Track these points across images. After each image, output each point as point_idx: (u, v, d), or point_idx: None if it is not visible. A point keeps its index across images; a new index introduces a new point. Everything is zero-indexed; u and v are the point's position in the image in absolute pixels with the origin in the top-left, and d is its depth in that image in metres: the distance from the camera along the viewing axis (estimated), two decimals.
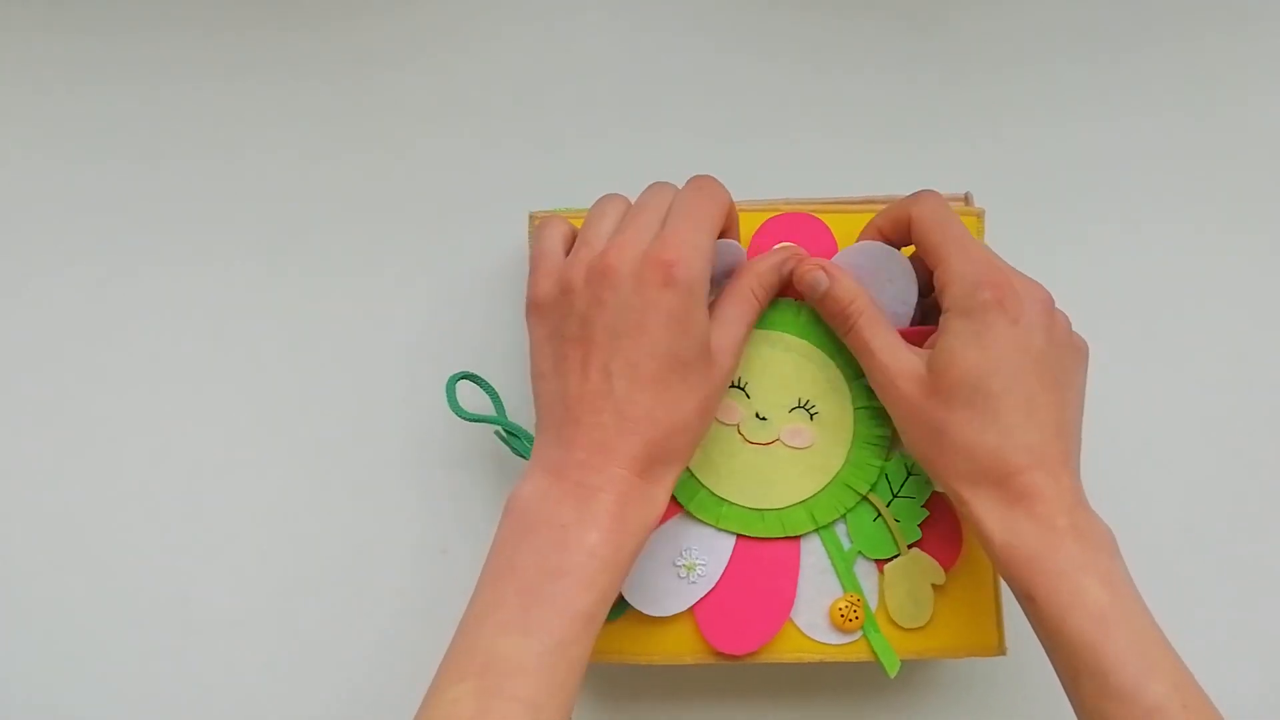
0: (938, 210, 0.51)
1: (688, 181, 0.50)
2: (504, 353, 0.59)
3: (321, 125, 0.62)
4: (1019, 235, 0.59)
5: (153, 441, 0.60)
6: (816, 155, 0.62)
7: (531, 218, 0.56)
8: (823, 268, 0.51)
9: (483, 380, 0.56)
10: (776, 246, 0.53)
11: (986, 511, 0.48)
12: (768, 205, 0.55)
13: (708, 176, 0.50)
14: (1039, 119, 0.62)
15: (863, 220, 0.54)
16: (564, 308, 0.48)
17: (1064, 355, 0.49)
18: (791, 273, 0.52)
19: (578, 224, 0.54)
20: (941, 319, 0.49)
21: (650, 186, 0.51)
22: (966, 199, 0.56)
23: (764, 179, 0.59)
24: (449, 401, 0.55)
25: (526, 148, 0.62)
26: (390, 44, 0.62)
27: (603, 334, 0.47)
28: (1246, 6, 0.63)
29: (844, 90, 0.62)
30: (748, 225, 0.54)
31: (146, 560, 0.59)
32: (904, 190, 0.57)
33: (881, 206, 0.55)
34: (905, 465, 0.54)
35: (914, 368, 0.49)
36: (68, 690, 0.59)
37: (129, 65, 0.62)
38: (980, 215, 0.55)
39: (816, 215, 0.55)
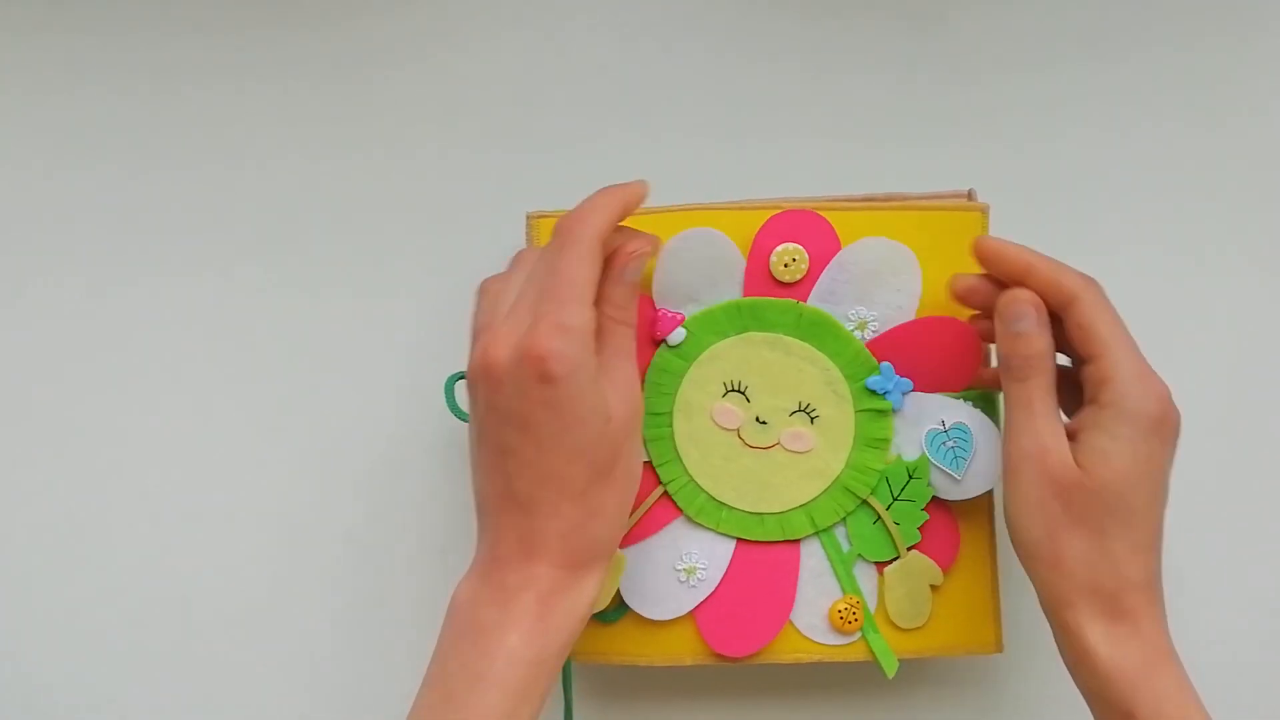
0: (1107, 303, 0.49)
1: (552, 233, 0.48)
2: None
3: (319, 127, 0.61)
4: (1020, 233, 0.58)
5: (153, 442, 0.60)
6: (816, 154, 0.61)
7: (529, 218, 0.55)
8: (1034, 304, 0.48)
9: None
10: (628, 248, 0.49)
11: (1091, 621, 0.47)
12: (768, 204, 0.54)
13: (569, 217, 0.48)
14: (1041, 117, 0.61)
15: (867, 218, 0.54)
16: (470, 405, 0.48)
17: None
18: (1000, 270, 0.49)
19: None
20: (1093, 413, 0.48)
21: (516, 256, 0.50)
22: (970, 195, 0.56)
23: (764, 179, 0.59)
24: (448, 402, 0.55)
25: (524, 148, 0.61)
26: (388, 46, 0.62)
27: (497, 435, 0.46)
28: (1250, 6, 0.62)
29: (845, 89, 0.61)
30: (750, 224, 0.53)
31: (146, 561, 0.59)
32: (905, 188, 0.56)
33: (882, 204, 0.54)
34: (906, 469, 0.53)
35: (1067, 451, 0.47)
36: (68, 690, 0.59)
37: (129, 67, 0.61)
38: (985, 211, 0.55)
39: (820, 213, 0.54)
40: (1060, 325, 0.49)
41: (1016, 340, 0.49)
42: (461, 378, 0.55)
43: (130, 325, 0.60)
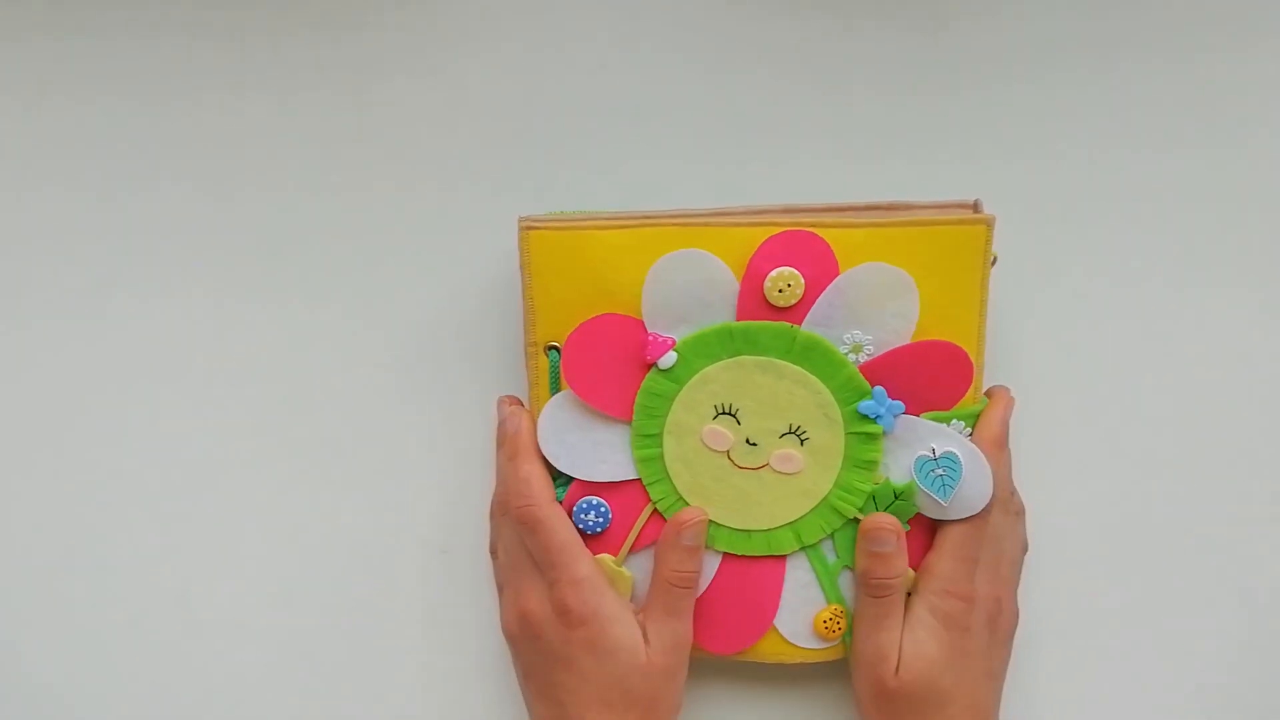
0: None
1: (517, 522, 0.54)
2: (498, 355, 0.59)
3: (315, 132, 0.60)
4: (1024, 242, 0.57)
5: (153, 442, 0.61)
6: (817, 161, 0.59)
7: (520, 224, 0.53)
8: (895, 532, 0.53)
9: None
10: (682, 518, 0.54)
11: None
12: (766, 218, 0.53)
13: (519, 504, 0.53)
14: (1044, 126, 0.59)
15: (866, 235, 0.52)
16: (514, 649, 0.56)
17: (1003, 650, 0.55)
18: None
19: (570, 234, 0.53)
20: (910, 606, 0.54)
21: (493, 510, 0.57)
22: (975, 205, 0.54)
23: (764, 186, 0.57)
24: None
25: (518, 154, 0.59)
26: (383, 53, 0.60)
27: (546, 673, 0.54)
28: (1252, 16, 0.59)
29: (847, 97, 0.59)
30: (745, 244, 0.52)
31: (147, 561, 0.61)
32: (907, 196, 0.54)
33: (883, 220, 0.53)
34: (893, 490, 0.54)
35: (894, 660, 0.53)
36: (68, 690, 0.61)
37: (129, 70, 0.60)
38: (990, 224, 0.53)
39: (818, 231, 0.52)
40: None
41: (875, 561, 0.53)
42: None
43: (131, 326, 0.61)
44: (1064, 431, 0.60)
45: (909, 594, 0.54)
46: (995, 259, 0.54)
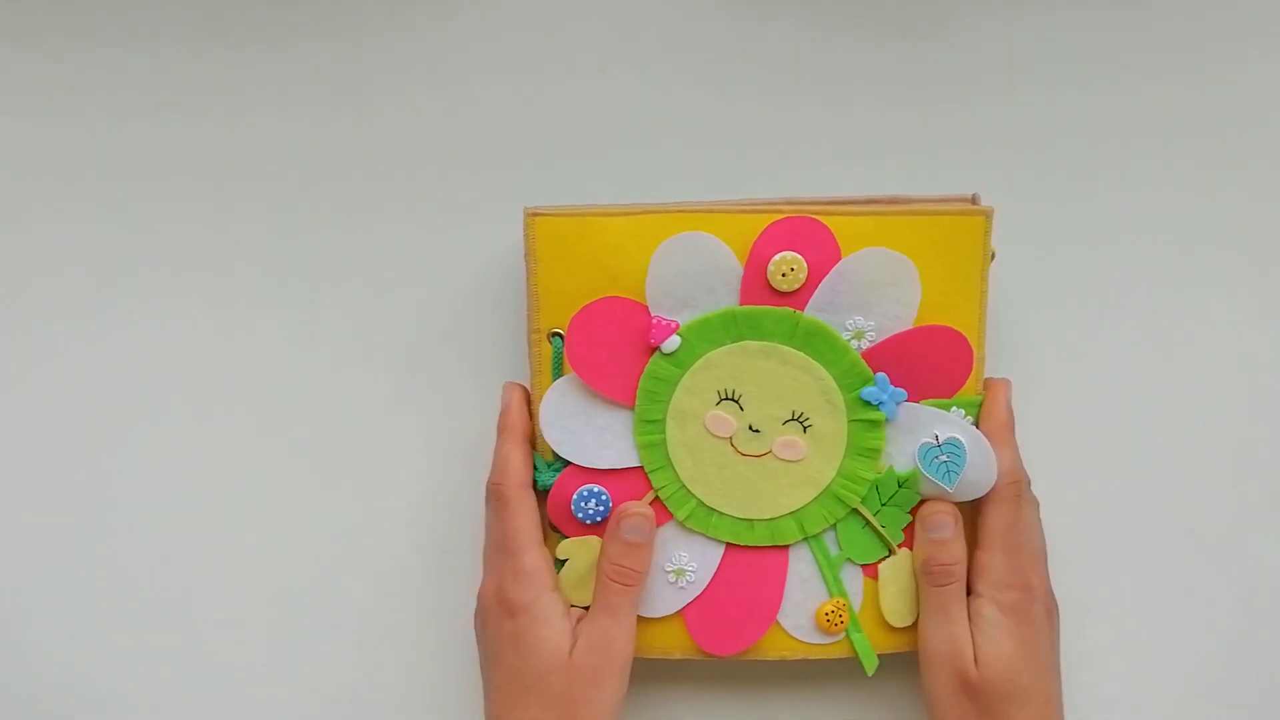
0: (1017, 506, 0.54)
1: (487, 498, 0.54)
2: (500, 349, 0.59)
3: (319, 124, 0.60)
4: (1023, 242, 0.58)
5: (153, 442, 0.60)
6: (817, 163, 0.60)
7: (526, 214, 0.54)
8: (954, 516, 0.53)
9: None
10: (626, 510, 0.53)
11: None
12: (769, 206, 0.53)
13: (492, 477, 0.54)
14: (1044, 128, 0.60)
15: (868, 224, 0.53)
16: None
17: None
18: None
19: (575, 221, 0.53)
20: (974, 605, 0.53)
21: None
22: (974, 200, 0.55)
23: (763, 189, 0.58)
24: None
25: (520, 155, 0.60)
26: (387, 46, 0.60)
27: (483, 664, 0.54)
28: (1249, 18, 0.60)
29: (847, 97, 0.60)
30: (748, 229, 0.53)
31: (146, 560, 0.60)
32: (907, 189, 0.55)
33: (885, 209, 0.53)
34: (897, 479, 0.54)
35: (971, 652, 0.52)
36: (68, 689, 0.60)
37: (129, 76, 0.60)
38: (989, 216, 0.54)
39: (819, 218, 0.53)
40: None
41: (937, 547, 0.53)
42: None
43: (131, 324, 0.60)
44: (1064, 431, 0.60)
45: (969, 596, 0.54)
46: (994, 255, 0.55)
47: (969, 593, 0.54)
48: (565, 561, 0.54)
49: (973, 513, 0.55)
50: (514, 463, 0.54)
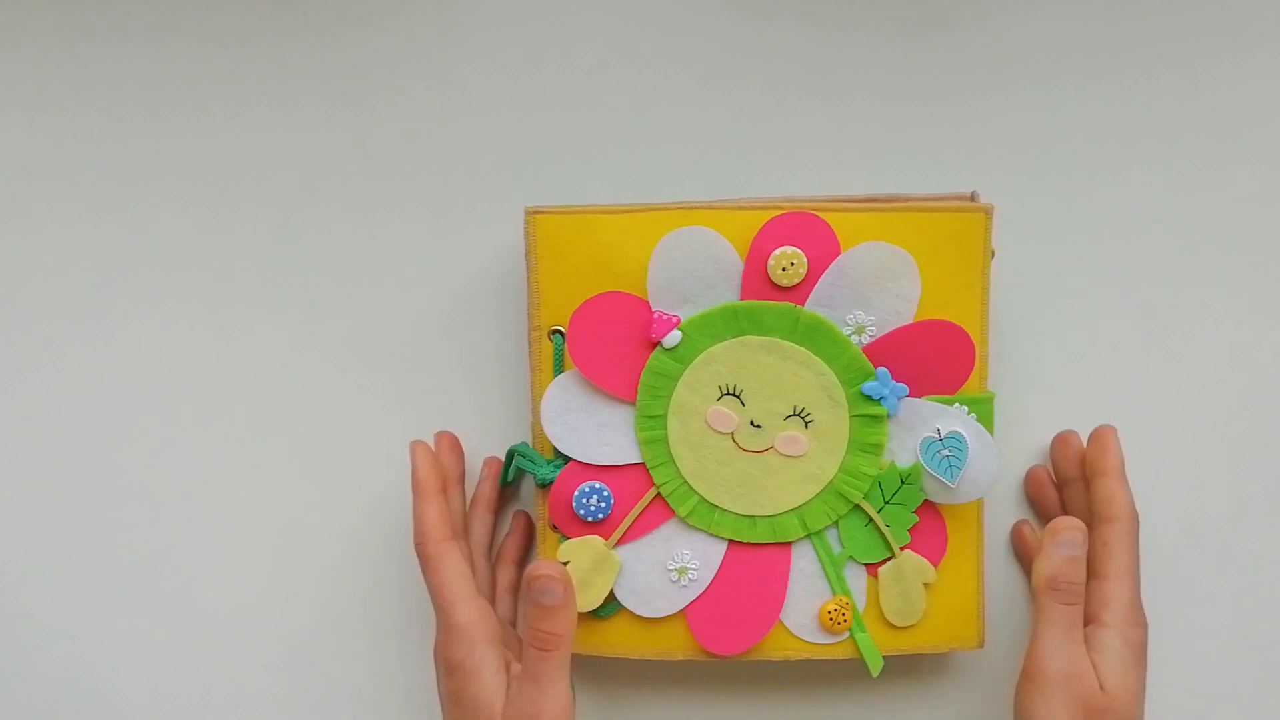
0: (1135, 536, 0.54)
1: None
2: (500, 347, 0.59)
3: (319, 124, 0.61)
4: (1023, 242, 0.59)
5: (153, 442, 0.60)
6: (817, 164, 0.60)
7: (527, 213, 0.54)
8: (1084, 532, 0.52)
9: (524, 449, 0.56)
10: (534, 572, 0.50)
11: None
12: (768, 204, 0.53)
13: (415, 538, 0.54)
14: (1045, 128, 0.61)
15: (867, 220, 0.53)
16: None
17: None
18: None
19: (575, 218, 0.53)
20: (1098, 635, 0.53)
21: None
22: (973, 197, 0.55)
23: (765, 180, 0.58)
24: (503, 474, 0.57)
25: (523, 144, 0.60)
26: (388, 46, 0.61)
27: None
28: (1249, 20, 0.61)
29: (847, 101, 0.61)
30: (748, 225, 0.53)
31: (146, 560, 0.60)
32: (906, 188, 0.56)
33: (884, 205, 0.54)
34: (899, 475, 0.54)
35: (1094, 677, 0.52)
36: (68, 689, 0.59)
37: (129, 76, 0.61)
38: (988, 212, 0.54)
39: (819, 214, 0.53)
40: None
41: (1070, 564, 0.52)
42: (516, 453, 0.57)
43: (131, 324, 0.60)
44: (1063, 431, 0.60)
45: (1090, 624, 0.53)
46: (993, 253, 0.55)
47: (1093, 621, 0.53)
48: (566, 565, 0.54)
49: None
50: (429, 519, 0.53)
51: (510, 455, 0.56)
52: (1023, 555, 0.59)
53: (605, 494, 0.53)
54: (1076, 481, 0.57)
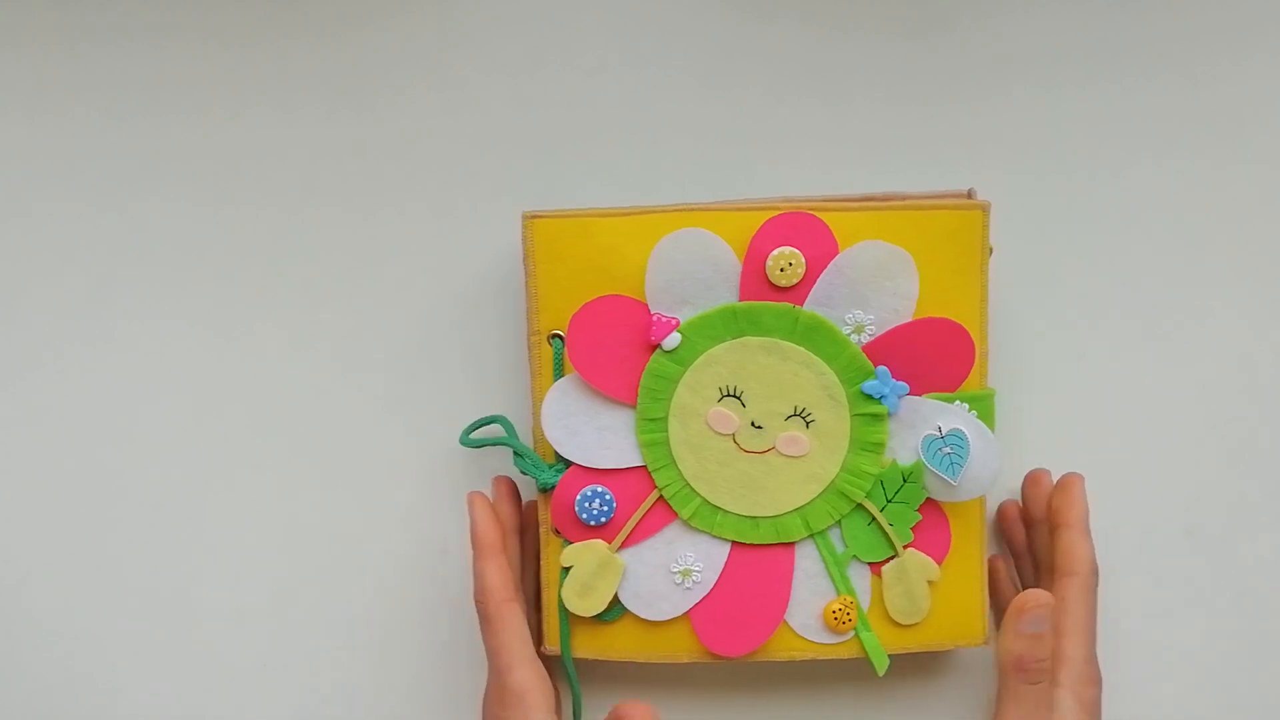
0: (1093, 593, 0.54)
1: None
2: (500, 350, 0.59)
3: (319, 125, 0.60)
4: (1021, 242, 0.58)
5: (154, 442, 0.60)
6: (817, 164, 0.60)
7: (524, 218, 0.54)
8: (1050, 607, 0.52)
9: (502, 420, 0.57)
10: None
11: None
12: (766, 204, 0.53)
13: (476, 593, 0.53)
14: (1045, 127, 0.60)
15: (865, 219, 0.53)
16: None
17: None
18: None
19: (572, 222, 0.53)
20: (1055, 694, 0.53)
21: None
22: (969, 194, 0.55)
23: (764, 180, 0.58)
24: (462, 436, 0.57)
25: (520, 155, 0.60)
26: (387, 49, 0.61)
27: None
28: (1249, 21, 0.61)
29: (847, 101, 0.60)
30: (746, 226, 0.53)
31: (147, 560, 0.60)
32: (903, 187, 0.55)
33: (881, 204, 0.54)
34: (901, 473, 0.53)
35: None
36: (68, 689, 0.60)
37: (129, 76, 0.61)
38: (985, 210, 0.54)
39: (816, 214, 0.53)
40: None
41: (1034, 642, 0.52)
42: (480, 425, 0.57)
43: (130, 325, 0.60)
44: (1062, 430, 0.60)
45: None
46: (991, 251, 0.55)
47: (1054, 681, 0.53)
48: (570, 569, 0.54)
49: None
50: (491, 578, 0.53)
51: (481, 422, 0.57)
52: (1010, 537, 0.59)
53: (608, 497, 0.53)
54: (1043, 525, 0.57)
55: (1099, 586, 0.55)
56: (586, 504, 0.53)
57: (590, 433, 0.54)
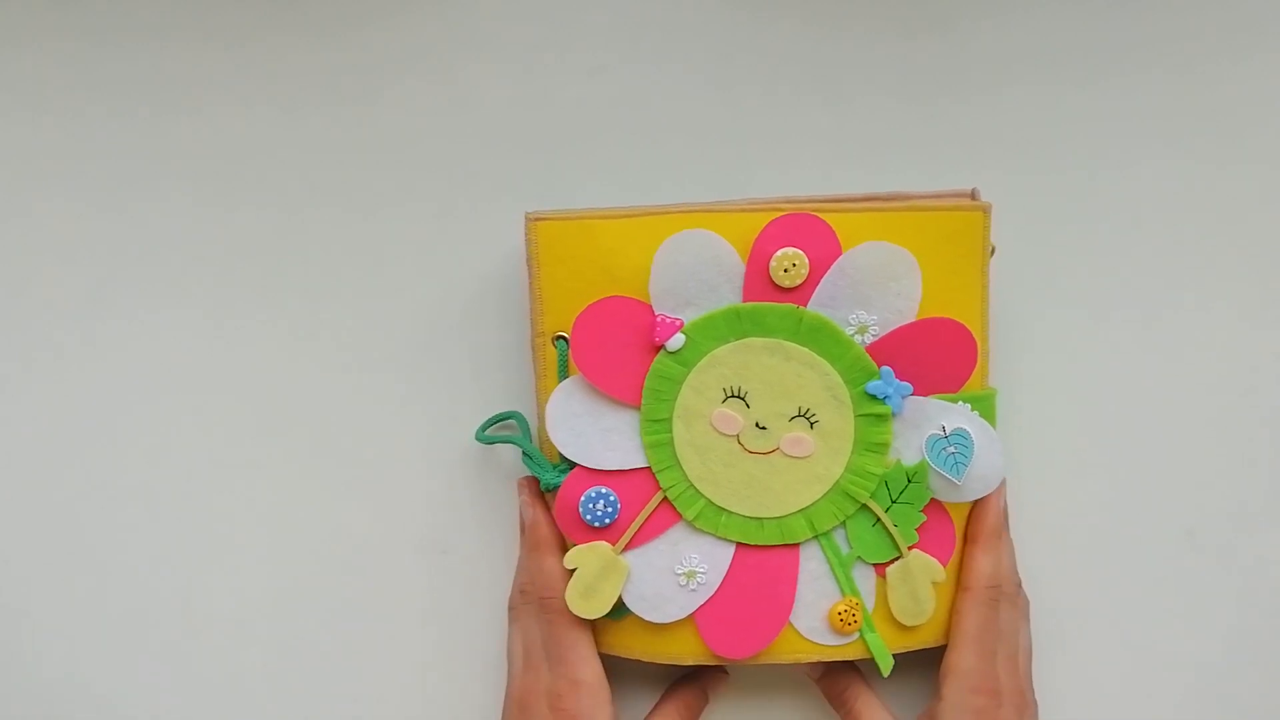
0: (995, 614, 0.54)
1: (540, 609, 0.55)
2: (503, 352, 0.59)
3: (320, 125, 0.60)
4: (1024, 242, 0.59)
5: (154, 442, 0.60)
6: (817, 164, 0.60)
7: (527, 219, 0.54)
8: None
9: (517, 415, 0.57)
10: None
11: None
12: (768, 205, 0.53)
13: (542, 602, 0.54)
14: (1046, 127, 0.61)
15: (868, 220, 0.53)
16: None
17: None
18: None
19: (575, 224, 0.53)
20: (936, 709, 0.54)
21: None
22: (973, 194, 0.55)
23: (765, 180, 0.58)
24: (478, 432, 0.57)
25: (521, 155, 0.60)
26: (388, 50, 0.61)
27: None
28: (1250, 20, 0.61)
29: (848, 100, 0.60)
30: (749, 227, 0.53)
31: (147, 561, 0.60)
32: (905, 186, 0.55)
33: (884, 205, 0.54)
34: (905, 473, 0.53)
35: None
36: (68, 689, 0.59)
37: (131, 74, 0.61)
38: (987, 211, 0.54)
39: (819, 215, 0.53)
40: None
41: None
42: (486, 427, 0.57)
43: (131, 325, 0.60)
44: (1062, 430, 0.60)
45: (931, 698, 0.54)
46: (993, 250, 0.55)
47: (934, 694, 0.54)
48: (574, 571, 0.54)
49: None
50: (557, 574, 0.54)
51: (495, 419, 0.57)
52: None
53: (612, 499, 0.53)
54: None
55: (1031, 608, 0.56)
56: (591, 505, 0.53)
57: (594, 434, 0.54)
